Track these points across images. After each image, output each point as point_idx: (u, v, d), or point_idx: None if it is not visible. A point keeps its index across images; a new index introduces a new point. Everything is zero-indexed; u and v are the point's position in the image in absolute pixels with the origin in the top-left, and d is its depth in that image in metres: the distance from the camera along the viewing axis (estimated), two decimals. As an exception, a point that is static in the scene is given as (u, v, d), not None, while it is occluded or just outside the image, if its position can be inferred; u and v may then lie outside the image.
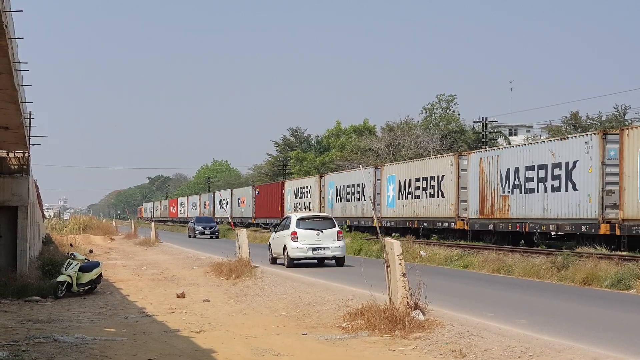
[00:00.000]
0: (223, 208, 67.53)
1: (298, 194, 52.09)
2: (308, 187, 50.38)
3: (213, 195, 79.02)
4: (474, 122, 59.43)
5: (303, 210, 48.08)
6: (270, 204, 56.23)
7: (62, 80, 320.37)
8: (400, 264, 11.91)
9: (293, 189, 53.29)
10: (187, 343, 11.61)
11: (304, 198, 50.56)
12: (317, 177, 50.06)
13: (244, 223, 62.31)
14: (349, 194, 42.92)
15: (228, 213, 63.70)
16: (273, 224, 48.67)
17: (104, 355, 10.36)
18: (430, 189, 34.18)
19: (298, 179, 57.02)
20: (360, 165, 35.04)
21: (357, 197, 41.89)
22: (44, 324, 13.61)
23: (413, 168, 36.46)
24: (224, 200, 70.83)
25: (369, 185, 39.30)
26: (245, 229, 27.41)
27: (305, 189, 50.74)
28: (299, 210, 48.62)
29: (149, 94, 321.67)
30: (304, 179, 54.05)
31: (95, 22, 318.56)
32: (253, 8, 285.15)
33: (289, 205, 53.17)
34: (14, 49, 11.52)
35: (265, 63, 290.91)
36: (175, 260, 30.12)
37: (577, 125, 58.56)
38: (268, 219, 57.09)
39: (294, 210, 49.42)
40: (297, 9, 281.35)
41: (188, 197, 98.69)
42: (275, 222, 45.34)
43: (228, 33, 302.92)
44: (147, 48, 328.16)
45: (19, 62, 12.60)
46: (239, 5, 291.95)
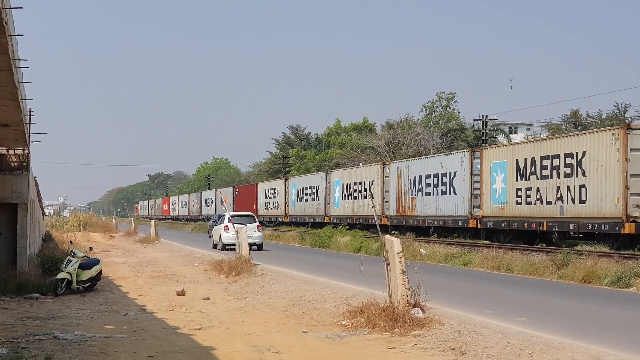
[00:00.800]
0: (224, 207, 69.83)
1: (268, 195, 60.38)
2: (276, 188, 58.69)
3: (200, 195, 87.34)
4: (474, 120, 59.38)
5: (271, 209, 58.33)
6: (247, 203, 63.30)
7: (62, 77, 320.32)
8: (400, 262, 11.89)
9: (264, 190, 61.69)
10: (186, 340, 11.60)
11: (273, 198, 59.10)
12: (282, 180, 58.38)
13: (225, 219, 69.28)
14: (307, 195, 51.56)
15: (227, 211, 65.64)
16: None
17: (104, 353, 10.36)
18: (364, 192, 41.61)
19: (268, 182, 65.30)
20: (315, 173, 42.44)
21: (312, 197, 50.59)
22: (44, 321, 13.61)
23: (353, 174, 43.86)
24: (209, 200, 78.64)
25: (322, 186, 48.64)
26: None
27: (274, 190, 59.08)
28: (270, 209, 59.02)
29: (150, 92, 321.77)
30: (273, 182, 62.58)
31: (96, 19, 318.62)
32: (252, 7, 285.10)
33: (262, 204, 61.68)
34: (14, 46, 11.50)
35: (266, 61, 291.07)
36: (175, 258, 30.13)
37: (577, 123, 58.24)
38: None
39: (266, 209, 59.90)
40: (296, 8, 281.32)
41: (179, 196, 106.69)
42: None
43: (227, 31, 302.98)
44: (147, 46, 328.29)
45: (19, 59, 12.58)
46: (238, 4, 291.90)
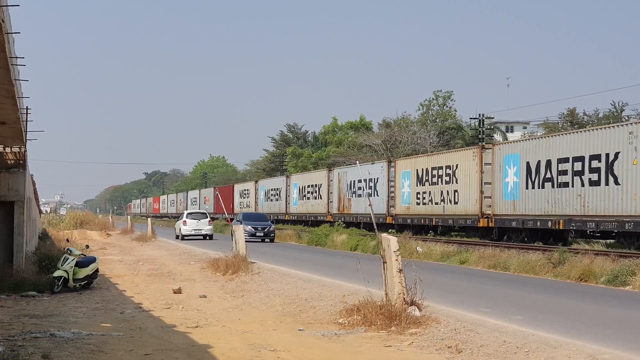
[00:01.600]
0: (223, 206, 71.75)
1: (242, 195, 69.21)
2: (247, 189, 67.98)
3: (186, 194, 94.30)
4: (471, 118, 59.46)
5: (245, 208, 65.73)
6: (226, 202, 68.58)
7: (59, 75, 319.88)
8: (397, 260, 11.89)
9: (239, 191, 70.47)
10: (183, 338, 11.59)
11: (245, 198, 68.00)
12: (253, 182, 67.64)
13: (207, 217, 75.05)
14: (272, 195, 59.19)
15: (225, 209, 66.40)
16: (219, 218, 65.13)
17: (100, 351, 10.35)
18: (315, 193, 49.59)
19: (242, 184, 74.20)
20: (277, 177, 49.21)
21: (276, 197, 58.20)
22: (40, 319, 13.59)
23: (307, 178, 52.36)
24: (194, 199, 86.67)
25: (284, 188, 56.35)
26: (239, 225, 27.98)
27: (246, 191, 68.23)
28: (244, 208, 66.26)
29: (147, 90, 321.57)
30: (245, 184, 71.75)
31: (93, 18, 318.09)
32: (249, 6, 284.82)
33: (237, 204, 69.60)
34: (11, 44, 11.47)
35: (263, 60, 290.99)
36: (172, 256, 30.08)
37: (574, 122, 58.33)
38: (223, 215, 70.63)
39: (240, 208, 67.24)
40: (293, 6, 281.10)
41: (167, 195, 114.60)
42: (229, 217, 60.48)
43: (224, 30, 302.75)
44: (145, 45, 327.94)
45: (16, 57, 12.54)
46: (235, 3, 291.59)
